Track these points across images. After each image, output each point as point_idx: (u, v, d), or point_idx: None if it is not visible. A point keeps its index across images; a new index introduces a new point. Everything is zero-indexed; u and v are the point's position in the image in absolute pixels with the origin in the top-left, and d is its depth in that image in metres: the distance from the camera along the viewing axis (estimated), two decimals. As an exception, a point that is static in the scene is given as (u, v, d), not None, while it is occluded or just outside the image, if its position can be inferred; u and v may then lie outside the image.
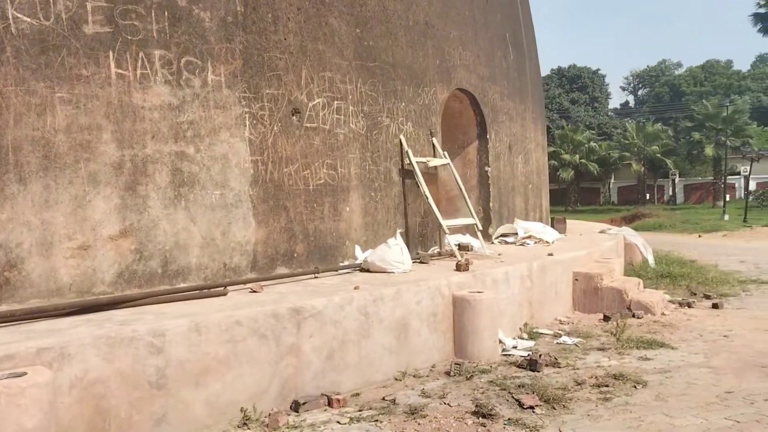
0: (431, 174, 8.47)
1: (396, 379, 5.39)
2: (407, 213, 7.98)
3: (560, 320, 7.66)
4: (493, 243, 9.75)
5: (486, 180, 10.05)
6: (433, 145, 8.51)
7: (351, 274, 6.51)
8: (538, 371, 5.52)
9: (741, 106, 46.32)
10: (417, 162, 7.86)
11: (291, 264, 6.50)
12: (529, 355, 5.78)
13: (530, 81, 12.36)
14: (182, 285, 5.56)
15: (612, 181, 54.82)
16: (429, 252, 8.07)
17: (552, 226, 12.43)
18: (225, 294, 5.20)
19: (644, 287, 9.50)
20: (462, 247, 8.59)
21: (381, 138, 7.64)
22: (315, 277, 6.20)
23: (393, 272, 6.41)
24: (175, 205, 5.62)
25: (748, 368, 5.55)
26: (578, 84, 74.04)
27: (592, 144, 48.07)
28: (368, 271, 6.55)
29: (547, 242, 9.35)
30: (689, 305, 8.40)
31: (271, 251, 6.34)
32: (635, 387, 5.05)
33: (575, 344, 6.50)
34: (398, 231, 6.84)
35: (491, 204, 10.08)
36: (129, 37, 5.37)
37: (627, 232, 12.65)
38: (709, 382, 5.19)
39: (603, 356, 6.05)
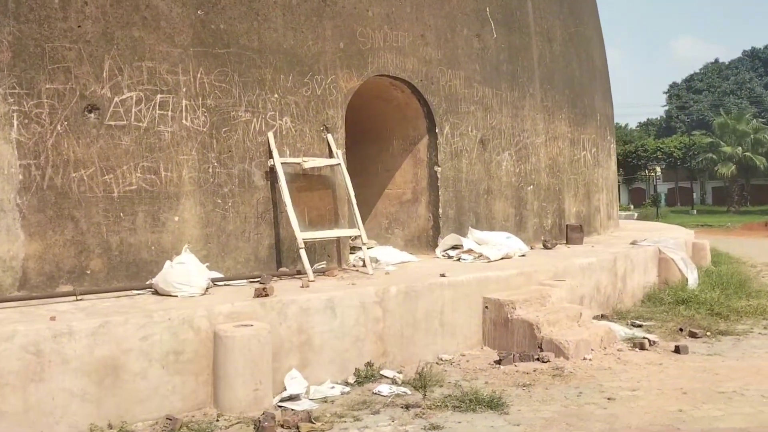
0: (321, 176, 7.22)
1: (91, 433, 4.40)
2: (279, 222, 6.83)
3: (440, 359, 6.12)
4: (438, 257, 8.24)
5: (435, 182, 8.53)
6: (328, 144, 7.26)
7: (135, 297, 5.55)
8: (262, 437, 4.24)
9: None
10: (284, 163, 6.70)
11: (83, 282, 5.70)
12: (262, 415, 4.47)
13: (542, 64, 10.44)
14: None
15: (791, 177, 47.57)
16: (316, 266, 6.87)
17: (567, 234, 10.47)
18: None
19: (598, 318, 7.55)
20: (373, 261, 7.31)
21: (236, 136, 6.58)
22: (78, 299, 5.34)
23: (176, 296, 5.38)
24: None
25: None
26: (776, 66, 66.73)
27: (759, 135, 41.81)
28: (157, 293, 5.57)
29: (487, 258, 7.66)
30: (642, 346, 6.39)
31: (50, 268, 5.59)
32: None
33: (392, 395, 5.04)
34: (185, 246, 5.76)
35: (441, 210, 8.53)
36: None
37: (665, 244, 10.27)
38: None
39: (388, 418, 4.56)
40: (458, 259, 7.83)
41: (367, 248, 7.82)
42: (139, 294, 5.65)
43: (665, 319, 7.74)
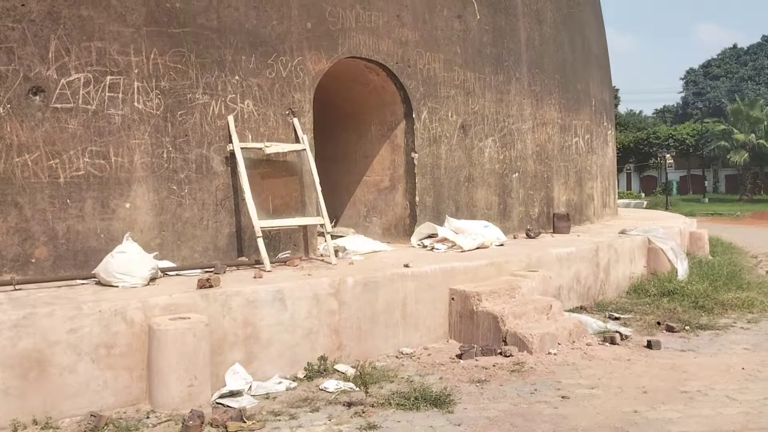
0: (286, 162, 6.97)
1: (14, 430, 4.20)
2: (240, 210, 6.59)
3: (401, 353, 5.89)
4: (413, 246, 7.98)
5: (413, 169, 8.25)
6: (294, 128, 7.00)
7: (75, 287, 5.33)
8: (186, 437, 4.03)
9: None
10: (245, 148, 6.46)
11: (27, 270, 5.50)
12: (189, 413, 4.25)
13: (530, 47, 10.10)
14: None
15: (807, 165, 46.60)
16: (280, 256, 6.65)
17: (553, 223, 10.17)
18: None
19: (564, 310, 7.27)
20: (341, 250, 7.09)
21: (192, 119, 6.34)
22: (16, 289, 5.14)
23: (117, 286, 5.17)
24: None
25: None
26: (797, 51, 65.85)
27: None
28: (100, 283, 5.36)
29: (461, 247, 7.38)
30: (612, 341, 6.12)
31: (-8, 256, 5.40)
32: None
33: (338, 392, 4.81)
34: (126, 235, 5.53)
35: (418, 198, 8.25)
36: None
37: (654, 233, 9.93)
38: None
39: (326, 417, 4.34)
40: (432, 249, 7.56)
41: (339, 237, 7.63)
42: (82, 284, 5.44)
43: (646, 311, 7.45)
